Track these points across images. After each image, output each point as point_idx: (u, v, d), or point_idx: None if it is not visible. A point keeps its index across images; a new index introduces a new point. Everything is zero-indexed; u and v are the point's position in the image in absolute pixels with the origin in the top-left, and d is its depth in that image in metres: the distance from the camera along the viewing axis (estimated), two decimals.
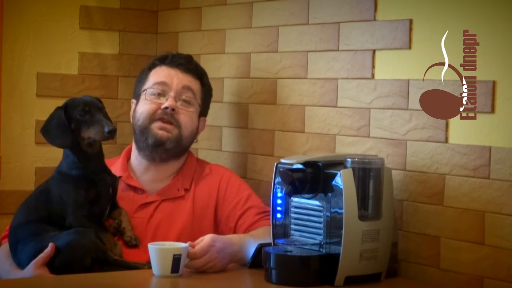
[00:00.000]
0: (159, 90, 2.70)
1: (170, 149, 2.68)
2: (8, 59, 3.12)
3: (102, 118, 2.48)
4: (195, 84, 2.74)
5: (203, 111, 2.79)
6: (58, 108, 2.53)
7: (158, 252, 2.29)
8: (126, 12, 3.32)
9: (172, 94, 2.68)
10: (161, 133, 2.66)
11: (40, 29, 3.17)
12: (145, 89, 2.72)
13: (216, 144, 3.07)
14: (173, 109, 2.66)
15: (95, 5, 3.26)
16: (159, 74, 2.73)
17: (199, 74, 2.77)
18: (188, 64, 2.75)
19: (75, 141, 2.49)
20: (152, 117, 2.68)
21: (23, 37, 3.14)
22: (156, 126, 2.67)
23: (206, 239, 2.36)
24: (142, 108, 2.70)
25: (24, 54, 3.14)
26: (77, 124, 2.49)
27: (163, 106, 2.66)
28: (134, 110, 2.75)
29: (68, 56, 3.22)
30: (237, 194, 2.67)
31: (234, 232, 2.62)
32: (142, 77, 2.78)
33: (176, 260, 2.27)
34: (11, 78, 3.13)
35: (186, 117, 2.69)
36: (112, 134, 2.46)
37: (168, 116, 2.66)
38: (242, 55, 2.98)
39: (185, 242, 2.57)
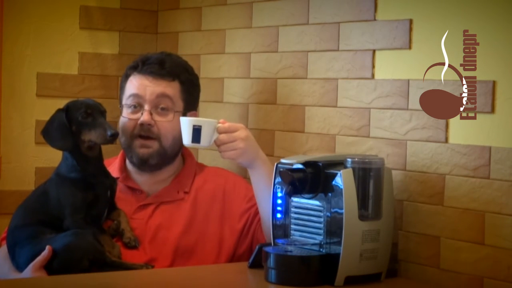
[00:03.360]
0: (134, 102, 2.66)
1: (156, 164, 2.66)
2: (8, 59, 3.12)
3: (104, 121, 2.48)
4: (171, 88, 2.67)
5: (189, 107, 2.72)
6: (59, 110, 2.52)
7: (182, 122, 2.47)
8: (126, 12, 3.32)
9: (146, 107, 2.63)
10: (142, 151, 2.64)
11: (40, 29, 3.17)
12: (122, 105, 2.70)
13: None
14: (149, 124, 2.63)
15: (95, 5, 3.26)
16: (133, 85, 2.67)
17: (175, 74, 2.68)
18: (160, 70, 2.66)
19: (75, 143, 2.49)
20: (132, 134, 2.65)
21: (23, 37, 3.14)
22: (137, 144, 2.64)
23: (239, 124, 2.52)
24: (122, 125, 2.68)
25: (24, 54, 3.15)
26: (78, 127, 2.48)
27: (139, 122, 2.63)
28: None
29: (68, 56, 3.22)
30: (247, 191, 2.65)
31: (250, 225, 2.61)
32: (121, 86, 2.74)
33: (197, 130, 2.43)
34: (11, 78, 3.13)
35: (165, 127, 2.64)
36: (114, 138, 2.46)
37: (146, 132, 2.63)
38: (242, 55, 2.98)
39: (186, 244, 2.58)
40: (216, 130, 2.46)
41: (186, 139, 2.46)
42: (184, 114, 2.70)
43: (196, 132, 2.43)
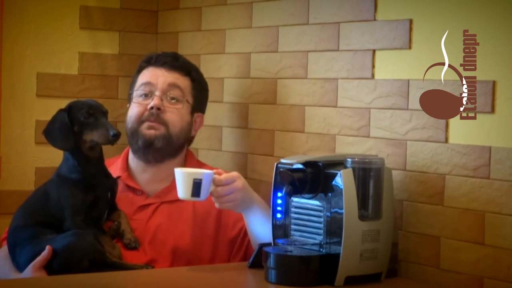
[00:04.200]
0: (145, 91, 2.69)
1: (161, 148, 2.67)
2: (8, 59, 3.12)
3: (106, 122, 2.48)
4: (183, 81, 2.72)
5: (197, 107, 2.76)
6: (61, 110, 2.52)
7: (180, 175, 2.33)
8: (126, 12, 3.32)
9: (157, 93, 2.67)
10: (149, 132, 2.66)
11: (40, 29, 3.17)
12: (132, 92, 2.73)
13: (216, 144, 3.07)
14: (158, 108, 2.65)
15: (95, 5, 3.26)
16: (145, 75, 2.72)
17: (187, 69, 2.74)
18: (173, 62, 2.73)
19: (77, 144, 2.49)
20: (140, 119, 2.67)
21: (23, 37, 3.14)
22: (144, 127, 2.67)
23: (234, 172, 2.42)
24: (131, 111, 2.71)
25: (24, 54, 3.15)
26: (80, 127, 2.48)
27: (148, 106, 2.66)
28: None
29: (68, 56, 3.22)
30: None
31: (243, 240, 2.60)
32: (132, 81, 2.78)
33: (197, 184, 2.30)
34: (11, 77, 3.13)
35: (174, 115, 2.68)
36: (116, 138, 2.46)
37: (155, 116, 2.66)
38: (242, 55, 2.98)
39: (185, 246, 2.58)
40: (212, 181, 2.36)
41: (184, 193, 2.33)
42: (193, 112, 2.73)
43: (197, 186, 2.31)
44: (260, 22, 2.91)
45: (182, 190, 2.33)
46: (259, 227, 2.47)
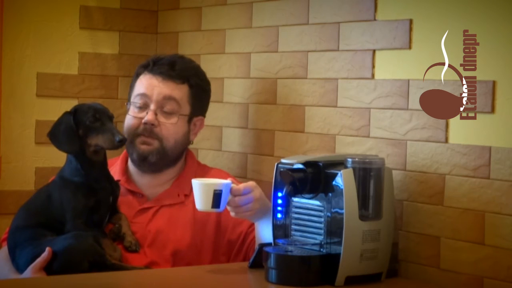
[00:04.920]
0: (140, 103, 2.67)
1: (156, 162, 2.66)
2: (8, 59, 3.12)
3: (112, 127, 2.48)
4: (179, 91, 2.68)
5: (197, 112, 2.73)
6: (66, 113, 2.51)
7: (200, 186, 2.30)
8: (126, 12, 3.32)
9: (152, 107, 2.65)
10: (143, 147, 2.65)
11: (40, 29, 3.17)
12: (128, 103, 2.71)
13: (216, 144, 3.07)
14: (152, 124, 2.64)
15: (95, 5, 3.26)
16: (142, 84, 2.69)
17: (184, 77, 2.69)
18: (170, 71, 2.68)
19: (81, 147, 2.48)
20: (135, 132, 2.66)
21: (23, 37, 3.14)
22: (139, 141, 2.65)
23: (251, 182, 2.40)
24: (127, 123, 2.69)
25: (24, 54, 3.15)
26: (85, 131, 2.48)
27: (143, 121, 2.64)
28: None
29: (68, 56, 3.22)
30: None
31: (245, 236, 2.60)
32: (131, 84, 2.76)
33: (217, 195, 2.29)
34: (11, 78, 3.13)
35: (168, 129, 2.65)
36: (122, 143, 2.46)
37: (148, 132, 2.64)
38: (242, 55, 2.98)
39: (185, 249, 2.57)
40: (230, 191, 2.35)
41: (204, 205, 2.30)
42: (191, 119, 2.71)
43: (217, 197, 2.30)
44: (260, 22, 2.91)
45: (202, 202, 2.31)
46: (270, 236, 2.45)
